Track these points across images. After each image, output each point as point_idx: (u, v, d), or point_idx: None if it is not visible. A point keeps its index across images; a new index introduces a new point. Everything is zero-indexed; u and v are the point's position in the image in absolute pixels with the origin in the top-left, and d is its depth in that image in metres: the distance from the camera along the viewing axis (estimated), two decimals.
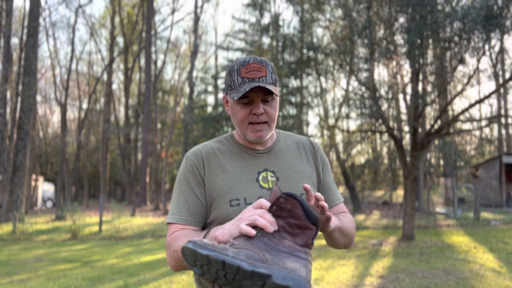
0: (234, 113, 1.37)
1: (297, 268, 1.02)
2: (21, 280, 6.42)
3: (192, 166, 1.37)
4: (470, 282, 5.86)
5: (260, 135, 1.35)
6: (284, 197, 1.08)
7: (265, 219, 1.06)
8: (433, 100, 10.03)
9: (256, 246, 1.02)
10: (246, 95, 1.30)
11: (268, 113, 1.34)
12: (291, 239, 1.07)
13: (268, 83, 1.30)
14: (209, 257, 0.96)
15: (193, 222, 1.33)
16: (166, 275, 6.63)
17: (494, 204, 20.16)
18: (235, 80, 1.31)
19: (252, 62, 1.30)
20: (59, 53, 42.67)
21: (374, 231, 12.21)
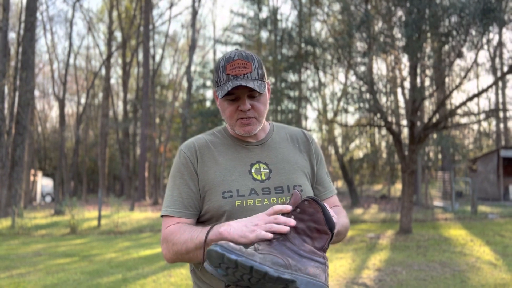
0: (222, 109, 1.39)
1: (317, 273, 1.07)
2: (20, 274, 6.46)
3: (186, 159, 1.38)
4: (466, 274, 5.91)
5: (248, 130, 1.36)
6: (309, 200, 1.13)
7: (280, 223, 1.11)
8: (431, 94, 10.05)
9: (280, 252, 1.07)
10: (231, 92, 1.31)
11: (255, 108, 1.35)
12: (311, 242, 1.11)
13: (253, 79, 1.30)
14: (237, 262, 1.00)
15: (187, 214, 1.34)
16: (164, 269, 6.66)
17: (492, 198, 20.24)
18: (221, 77, 1.31)
19: (237, 59, 1.30)
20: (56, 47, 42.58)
21: (372, 224, 12.27)
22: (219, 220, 1.31)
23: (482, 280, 5.55)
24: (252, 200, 1.30)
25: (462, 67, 10.05)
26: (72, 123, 40.10)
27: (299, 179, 1.40)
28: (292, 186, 1.36)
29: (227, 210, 1.29)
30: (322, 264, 1.10)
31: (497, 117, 13.02)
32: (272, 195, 1.33)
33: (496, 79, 9.53)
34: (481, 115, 10.75)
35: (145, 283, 5.76)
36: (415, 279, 5.68)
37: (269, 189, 1.33)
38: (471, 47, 8.69)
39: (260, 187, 1.33)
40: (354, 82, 11.15)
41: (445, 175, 17.57)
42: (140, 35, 29.72)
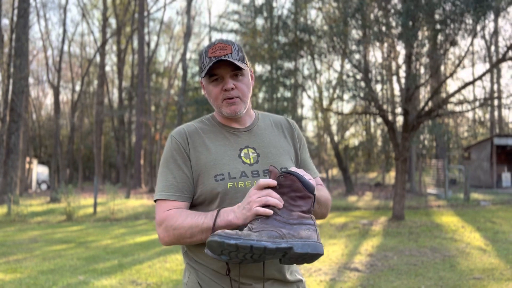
0: (208, 93, 1.45)
1: (310, 235, 1.17)
2: (17, 260, 6.53)
3: (178, 144, 1.43)
4: (455, 259, 6.03)
5: (234, 109, 1.42)
6: (283, 175, 1.22)
7: (274, 197, 1.19)
8: (424, 82, 10.09)
9: (272, 225, 1.16)
10: (214, 72, 1.39)
11: (239, 88, 1.42)
12: (298, 209, 1.20)
13: (234, 59, 1.38)
14: (237, 245, 1.10)
15: (182, 197, 1.39)
16: (160, 255, 6.76)
17: (485, 186, 20.46)
18: (204, 61, 1.40)
19: (217, 43, 1.39)
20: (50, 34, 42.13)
21: (366, 211, 12.41)
22: (212, 202, 1.38)
23: (471, 265, 5.68)
24: (242, 182, 1.38)
25: (457, 55, 10.10)
26: (67, 111, 39.92)
27: (285, 162, 1.47)
28: (279, 169, 1.42)
29: (220, 192, 1.36)
30: (312, 225, 1.19)
31: (491, 105, 13.08)
32: (261, 177, 1.40)
33: (490, 67, 9.59)
34: (474, 103, 10.82)
35: (140, 268, 5.85)
36: (405, 264, 5.80)
37: (258, 172, 1.41)
38: (465, 35, 8.72)
39: (249, 170, 1.40)
40: (349, 70, 11.18)
41: (439, 163, 17.73)
42: (135, 22, 29.46)
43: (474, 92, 27.64)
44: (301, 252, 1.12)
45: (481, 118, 31.50)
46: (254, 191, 1.22)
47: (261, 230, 1.14)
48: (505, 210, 12.00)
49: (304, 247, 1.13)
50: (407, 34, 8.92)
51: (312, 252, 1.14)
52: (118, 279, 5.25)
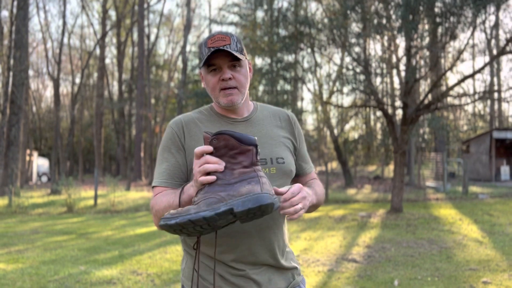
0: (207, 83, 1.49)
1: (251, 189, 1.12)
2: (19, 250, 6.60)
3: (173, 134, 1.48)
4: (452, 251, 6.11)
5: (231, 99, 1.45)
6: (215, 137, 1.19)
7: (212, 162, 1.17)
8: (423, 75, 10.11)
9: (212, 191, 1.15)
10: (212, 62, 1.42)
11: (236, 78, 1.45)
12: (239, 166, 1.18)
13: (232, 50, 1.41)
14: (178, 223, 1.10)
15: (173, 184, 1.44)
16: (160, 246, 6.83)
17: (484, 179, 20.53)
18: (203, 52, 1.43)
19: (217, 34, 1.42)
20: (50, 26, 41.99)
21: (365, 204, 12.48)
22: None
23: (468, 256, 5.75)
24: None
25: (457, 48, 10.11)
26: (67, 103, 39.88)
27: (282, 152, 1.50)
28: (275, 158, 1.46)
29: None
30: (253, 178, 1.16)
31: (491, 98, 13.10)
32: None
33: (489, 60, 9.60)
34: (474, 96, 10.85)
35: (141, 259, 5.93)
36: (403, 255, 5.87)
37: None
38: (464, 29, 8.73)
39: None
40: (349, 63, 11.19)
41: (438, 156, 17.78)
42: (134, 14, 29.37)
43: (474, 85, 27.66)
44: (243, 209, 1.07)
45: (481, 112, 31.51)
46: (194, 162, 1.21)
47: (201, 200, 1.13)
48: (503, 203, 12.07)
49: (245, 204, 1.08)
50: (407, 27, 8.93)
51: (254, 206, 1.08)
52: (119, 269, 5.32)
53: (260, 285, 1.40)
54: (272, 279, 1.43)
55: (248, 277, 1.38)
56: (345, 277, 4.88)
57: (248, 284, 1.39)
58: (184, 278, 1.48)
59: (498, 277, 4.72)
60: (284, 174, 1.47)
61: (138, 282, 4.75)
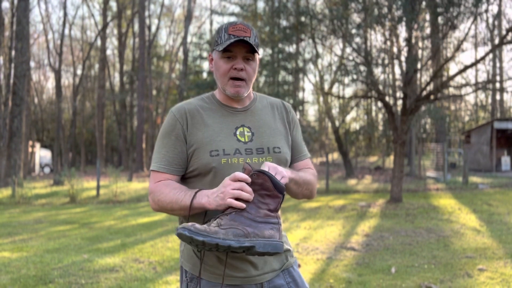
0: (217, 67, 1.53)
1: (273, 234, 1.28)
2: (23, 240, 6.71)
3: (175, 120, 1.53)
4: (450, 239, 6.19)
5: (238, 91, 1.51)
6: (256, 173, 1.31)
7: (246, 191, 1.29)
8: (423, 66, 10.12)
9: (239, 223, 1.27)
10: (229, 49, 1.47)
11: (247, 71, 1.50)
12: (265, 207, 1.31)
13: (252, 42, 1.46)
14: (204, 242, 1.21)
15: (172, 170, 1.50)
16: (162, 235, 6.93)
17: (484, 169, 20.58)
18: (222, 36, 1.47)
19: (239, 24, 1.47)
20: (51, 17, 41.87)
21: (365, 194, 12.56)
22: (206, 175, 1.48)
23: (465, 245, 5.83)
24: (236, 158, 1.47)
25: (458, 38, 10.11)
26: (68, 95, 39.94)
27: (278, 142, 1.57)
28: (272, 148, 1.53)
29: (214, 166, 1.46)
30: (276, 225, 1.31)
31: (492, 89, 13.10)
32: (254, 155, 1.50)
33: (490, 50, 9.60)
34: (474, 86, 10.86)
35: (143, 247, 6.02)
36: (401, 244, 5.96)
37: (251, 150, 1.51)
38: (464, 19, 8.72)
39: (243, 147, 1.50)
40: (350, 54, 11.19)
41: (438, 146, 17.82)
42: (135, 5, 29.29)
43: (476, 76, 27.57)
44: (262, 251, 1.24)
45: (483, 102, 31.45)
46: (229, 182, 1.31)
47: (229, 227, 1.24)
48: (502, 193, 12.14)
49: (266, 247, 1.25)
50: (407, 17, 8.93)
51: (272, 251, 1.26)
52: (121, 258, 5.42)
53: (256, 266, 1.47)
54: (267, 260, 1.49)
55: (245, 259, 1.45)
56: (343, 264, 4.97)
57: (244, 265, 1.45)
58: (183, 259, 1.54)
59: (494, 265, 4.80)
60: (280, 162, 1.53)
61: (140, 270, 4.85)
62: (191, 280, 1.50)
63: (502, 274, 4.45)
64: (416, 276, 4.43)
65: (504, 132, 21.56)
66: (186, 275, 1.52)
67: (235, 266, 1.45)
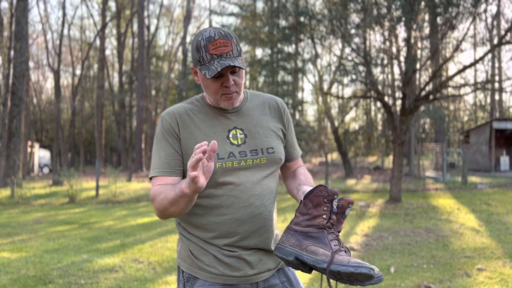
0: (206, 86, 1.48)
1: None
2: (22, 240, 6.71)
3: (167, 124, 1.50)
4: (449, 239, 6.20)
5: (232, 102, 1.49)
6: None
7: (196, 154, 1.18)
8: (422, 66, 10.14)
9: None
10: None
11: (237, 83, 1.47)
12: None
13: (234, 56, 1.41)
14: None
15: (173, 173, 1.48)
16: (161, 235, 6.93)
17: (483, 169, 20.60)
18: (204, 56, 1.40)
19: (218, 38, 1.39)
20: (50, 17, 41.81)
21: (364, 194, 12.57)
22: None
23: (464, 244, 5.84)
24: (230, 162, 1.45)
25: (456, 38, 10.12)
26: (67, 95, 39.93)
27: (272, 142, 1.55)
28: (265, 149, 1.52)
29: None
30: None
31: (491, 89, 13.12)
32: (248, 157, 1.48)
33: (488, 50, 9.61)
34: (473, 86, 10.87)
35: (142, 248, 6.03)
36: (400, 244, 5.96)
37: (245, 152, 1.49)
38: (463, 19, 8.74)
39: (237, 150, 1.48)
40: (349, 54, 11.21)
41: (437, 146, 17.84)
42: (134, 5, 29.28)
43: (475, 76, 27.60)
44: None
45: (482, 102, 31.49)
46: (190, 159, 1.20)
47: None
48: (501, 193, 12.15)
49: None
50: (406, 17, 8.94)
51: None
52: (121, 258, 5.42)
53: (251, 265, 1.47)
54: (262, 259, 1.50)
55: (241, 258, 1.45)
56: None
57: (240, 264, 1.46)
58: (180, 259, 1.54)
59: (493, 264, 4.81)
60: (274, 163, 1.53)
61: (139, 270, 4.85)
62: (187, 280, 1.50)
63: (501, 273, 4.46)
64: (415, 276, 4.43)
65: (503, 132, 21.58)
66: (183, 274, 1.52)
67: (231, 266, 1.45)
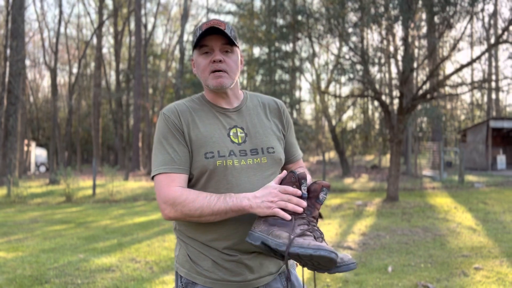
0: (197, 66, 1.51)
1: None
2: (18, 239, 6.67)
3: (170, 120, 1.48)
4: (446, 238, 6.20)
5: (220, 81, 1.47)
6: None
7: (293, 203, 1.28)
8: (419, 65, 10.14)
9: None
10: (205, 43, 1.46)
11: (227, 62, 1.48)
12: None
13: (226, 31, 1.44)
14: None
15: (185, 170, 1.44)
16: (158, 234, 6.91)
17: (480, 168, 20.66)
18: (197, 34, 1.46)
19: (213, 20, 1.46)
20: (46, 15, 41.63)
21: (361, 193, 12.58)
22: (200, 178, 1.44)
23: (461, 243, 5.85)
24: (231, 160, 1.44)
25: (454, 37, 10.13)
26: (64, 93, 39.78)
27: (272, 142, 1.54)
28: (265, 148, 1.51)
29: (210, 169, 1.42)
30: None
31: (488, 88, 13.13)
32: (248, 156, 1.47)
33: (485, 50, 9.62)
34: (470, 85, 10.89)
35: (140, 247, 6.01)
36: (397, 243, 5.97)
37: (245, 151, 1.48)
38: (461, 18, 8.74)
39: (237, 149, 1.47)
40: (346, 53, 11.20)
41: (434, 145, 17.87)
42: (131, 3, 29.19)
43: (472, 75, 27.67)
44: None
45: (478, 101, 31.56)
46: (276, 192, 1.29)
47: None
48: (498, 191, 12.19)
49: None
50: (404, 16, 8.94)
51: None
52: (118, 257, 5.40)
53: (252, 269, 1.44)
54: (263, 263, 1.46)
55: (240, 262, 1.42)
56: None
57: (240, 269, 1.42)
58: (178, 264, 1.51)
59: (490, 263, 4.82)
60: (274, 163, 1.52)
61: (136, 270, 4.83)
62: (186, 286, 1.47)
63: (498, 273, 4.46)
64: (413, 275, 4.43)
65: (499, 131, 21.65)
66: (181, 280, 1.49)
67: (230, 270, 1.42)
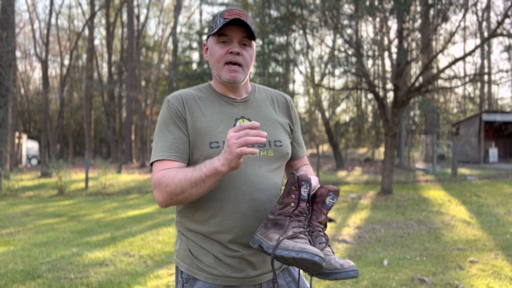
0: (212, 53, 1.45)
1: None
2: (10, 233, 6.59)
3: (174, 108, 1.43)
4: (441, 231, 6.22)
5: (234, 76, 1.42)
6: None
7: (252, 135, 1.16)
8: (414, 58, 10.12)
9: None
10: (225, 33, 1.40)
11: (244, 56, 1.42)
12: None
13: (248, 23, 1.39)
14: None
15: (182, 158, 1.39)
16: (152, 228, 6.86)
17: (472, 161, 20.80)
18: (218, 21, 1.40)
19: (236, 9, 1.40)
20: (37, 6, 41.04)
21: (355, 186, 12.60)
22: None
23: (455, 237, 5.86)
24: None
25: (448, 30, 10.11)
26: (56, 85, 39.37)
27: (279, 135, 1.50)
28: (273, 141, 1.46)
29: None
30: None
31: (481, 81, 13.17)
32: (255, 148, 1.41)
33: (480, 43, 9.62)
34: (464, 79, 10.90)
35: (133, 241, 5.95)
36: (392, 236, 5.97)
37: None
38: (456, 10, 8.71)
39: None
40: (341, 46, 11.14)
41: (428, 138, 17.93)
42: None
43: (465, 68, 27.77)
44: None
45: (471, 94, 31.72)
46: (231, 134, 1.18)
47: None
48: (490, 184, 12.27)
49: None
50: (399, 8, 8.89)
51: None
52: (111, 251, 5.34)
53: (254, 266, 1.41)
54: (266, 259, 1.43)
55: (243, 258, 1.39)
56: None
57: (242, 265, 1.39)
58: (179, 259, 1.48)
59: (485, 256, 4.83)
60: (281, 156, 1.48)
61: (130, 264, 4.78)
62: (186, 281, 1.43)
63: (493, 266, 4.47)
64: (409, 269, 4.43)
65: (492, 124, 21.78)
66: (181, 275, 1.45)
67: (232, 266, 1.39)
